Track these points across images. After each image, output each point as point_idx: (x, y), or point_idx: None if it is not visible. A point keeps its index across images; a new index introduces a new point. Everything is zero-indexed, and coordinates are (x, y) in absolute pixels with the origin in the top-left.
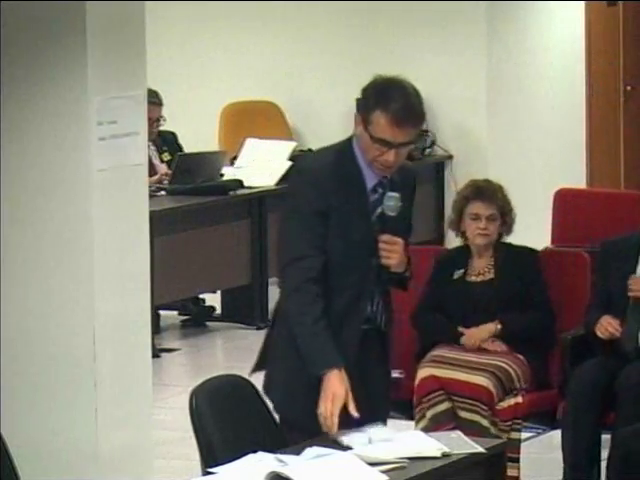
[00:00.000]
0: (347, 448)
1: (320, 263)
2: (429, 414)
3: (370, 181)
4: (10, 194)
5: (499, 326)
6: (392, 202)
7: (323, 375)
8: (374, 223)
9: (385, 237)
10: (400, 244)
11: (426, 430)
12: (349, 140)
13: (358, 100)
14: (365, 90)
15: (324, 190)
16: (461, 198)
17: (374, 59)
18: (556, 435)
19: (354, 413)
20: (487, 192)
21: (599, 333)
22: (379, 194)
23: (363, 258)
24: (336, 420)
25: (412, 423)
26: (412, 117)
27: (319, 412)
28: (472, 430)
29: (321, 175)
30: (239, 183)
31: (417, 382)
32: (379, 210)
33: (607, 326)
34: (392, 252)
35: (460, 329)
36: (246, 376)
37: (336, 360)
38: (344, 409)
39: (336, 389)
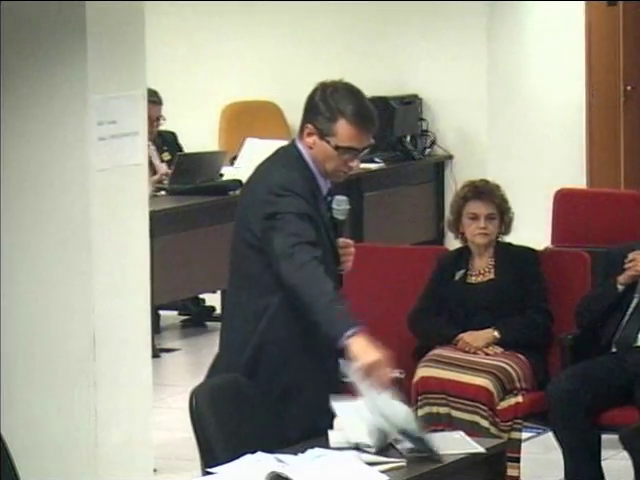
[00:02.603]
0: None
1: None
2: (420, 412)
3: (324, 188)
4: (10, 194)
5: (496, 333)
6: (343, 206)
7: (349, 337)
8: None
9: (342, 242)
10: (352, 245)
11: None
12: (295, 149)
13: (308, 111)
14: (315, 101)
15: (308, 201)
16: (459, 199)
17: (374, 60)
18: None
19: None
20: (485, 191)
21: (629, 272)
22: (329, 200)
23: (332, 266)
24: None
25: None
26: (373, 117)
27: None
28: (472, 431)
29: (302, 189)
30: (239, 183)
31: (416, 379)
32: (328, 215)
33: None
34: (349, 255)
35: (458, 336)
36: None
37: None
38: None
39: (370, 347)
